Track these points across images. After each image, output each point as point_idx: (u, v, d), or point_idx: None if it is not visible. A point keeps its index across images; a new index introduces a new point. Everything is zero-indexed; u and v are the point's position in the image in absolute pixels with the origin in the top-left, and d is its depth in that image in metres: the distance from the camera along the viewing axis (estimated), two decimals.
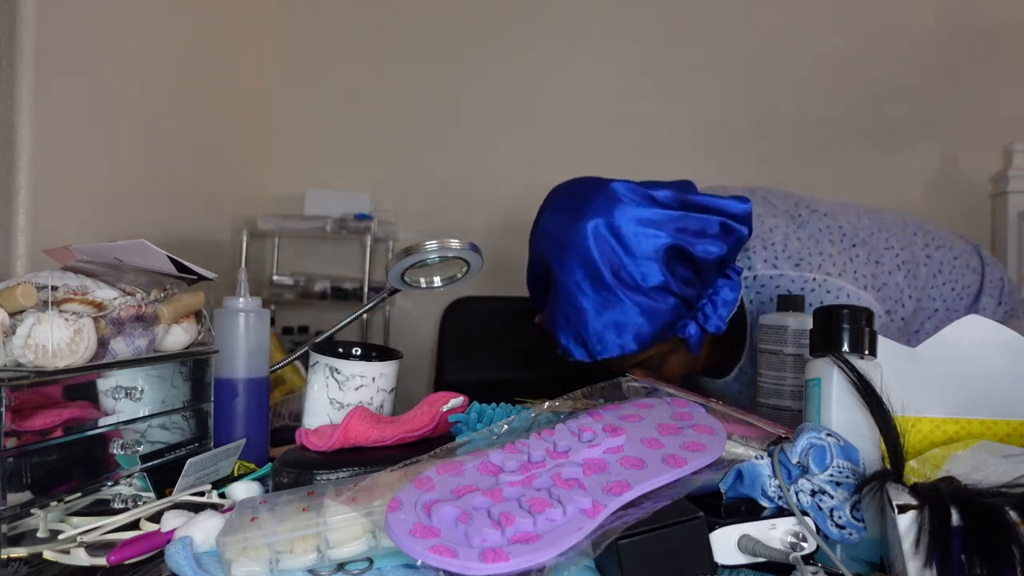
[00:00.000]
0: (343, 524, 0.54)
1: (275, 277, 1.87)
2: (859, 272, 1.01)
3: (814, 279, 0.98)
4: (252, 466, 0.79)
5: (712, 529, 0.53)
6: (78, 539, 0.59)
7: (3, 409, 0.57)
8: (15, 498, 0.59)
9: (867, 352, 0.62)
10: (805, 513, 0.54)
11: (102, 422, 0.68)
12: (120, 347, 0.68)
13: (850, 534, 0.54)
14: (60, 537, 0.61)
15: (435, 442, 0.70)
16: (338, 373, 0.81)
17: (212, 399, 0.82)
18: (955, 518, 0.47)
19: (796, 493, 0.55)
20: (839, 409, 0.61)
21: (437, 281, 0.95)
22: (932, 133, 1.87)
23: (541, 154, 1.97)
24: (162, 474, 0.72)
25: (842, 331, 0.63)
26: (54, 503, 0.63)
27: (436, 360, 1.84)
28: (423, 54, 1.97)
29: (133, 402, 0.71)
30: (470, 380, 1.77)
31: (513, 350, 1.84)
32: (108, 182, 1.21)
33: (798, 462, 0.57)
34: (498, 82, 1.97)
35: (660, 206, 0.90)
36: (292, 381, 1.21)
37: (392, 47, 1.98)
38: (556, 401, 0.71)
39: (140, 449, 0.70)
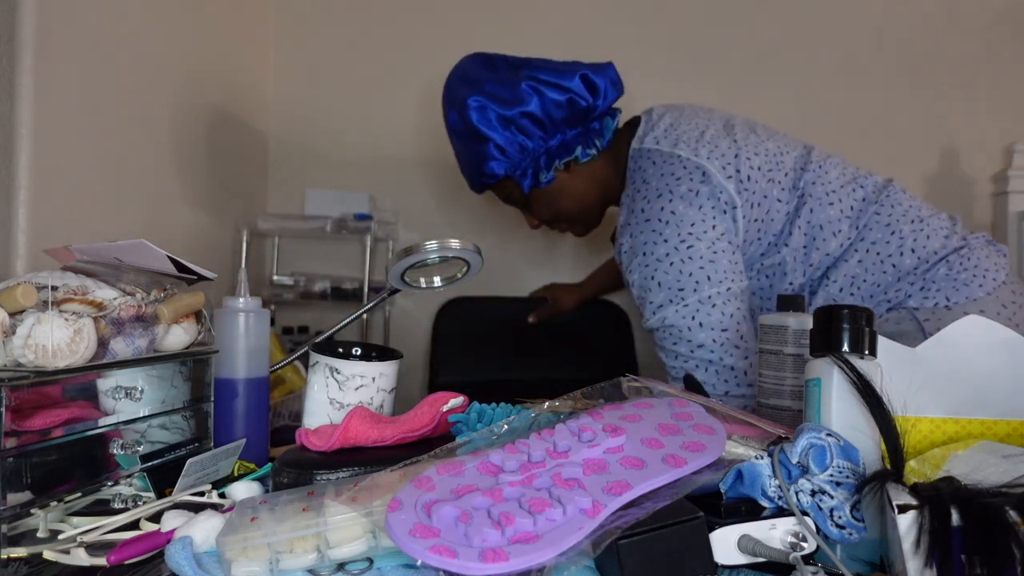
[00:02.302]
0: (343, 524, 0.54)
1: (275, 277, 1.87)
2: (730, 164, 1.12)
3: (679, 156, 1.13)
4: (252, 466, 0.79)
5: (712, 529, 0.53)
6: (78, 539, 0.59)
7: (3, 409, 0.58)
8: (15, 498, 0.59)
9: (867, 352, 0.63)
10: (805, 513, 0.54)
11: (102, 422, 0.68)
12: (120, 347, 0.68)
13: (850, 534, 0.54)
14: (60, 537, 0.61)
15: (435, 442, 0.70)
16: (338, 373, 0.81)
17: (212, 399, 0.82)
18: (955, 518, 0.47)
19: (796, 493, 0.55)
20: (839, 409, 0.61)
21: (437, 281, 0.95)
22: (932, 132, 1.87)
23: None
24: (162, 474, 0.72)
25: (842, 331, 0.63)
26: (54, 503, 0.63)
27: (430, 361, 1.84)
28: (424, 53, 1.97)
29: (133, 402, 0.71)
30: (464, 381, 1.77)
31: (507, 351, 1.84)
32: (108, 182, 1.21)
33: (798, 462, 0.57)
34: None
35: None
36: (292, 381, 1.21)
37: (393, 46, 1.98)
38: (556, 401, 0.71)
39: (140, 449, 0.70)
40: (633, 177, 1.17)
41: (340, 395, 0.81)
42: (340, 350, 0.83)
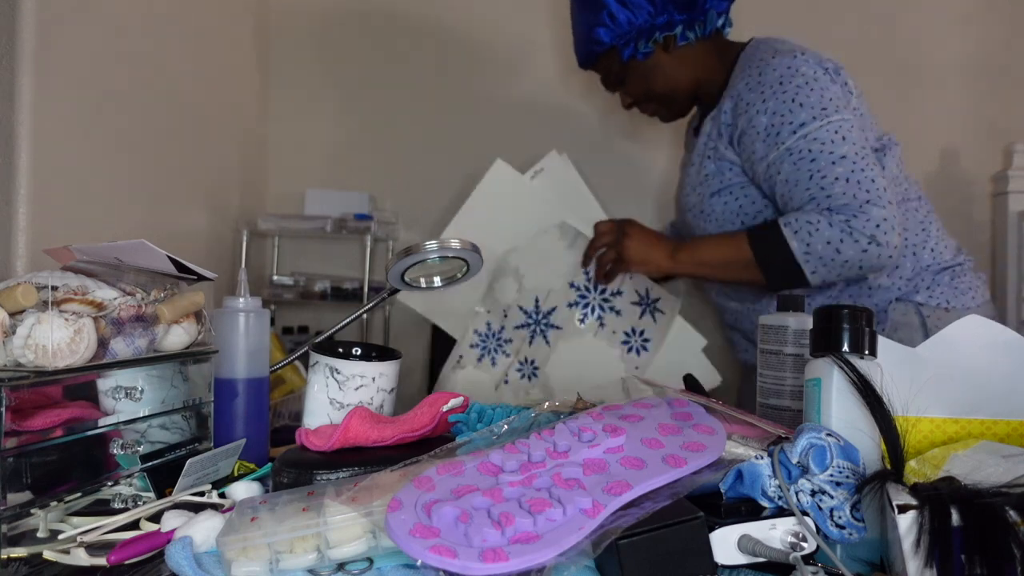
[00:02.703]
0: (343, 524, 0.54)
1: (275, 277, 1.87)
2: (844, 73, 1.22)
3: (802, 50, 1.19)
4: (252, 466, 0.79)
5: (712, 529, 0.53)
6: (78, 539, 0.59)
7: (3, 409, 0.57)
8: (15, 498, 0.59)
9: (867, 352, 0.62)
10: (805, 513, 0.54)
11: (102, 422, 0.68)
12: (120, 347, 0.68)
13: (850, 534, 0.54)
14: (60, 537, 0.61)
15: (435, 442, 0.70)
16: (338, 373, 0.81)
17: (212, 399, 0.82)
18: (955, 518, 0.47)
19: (796, 493, 0.55)
20: (839, 409, 0.61)
21: (437, 281, 0.95)
22: (932, 132, 1.87)
23: (541, 154, 1.96)
24: (162, 474, 0.72)
25: (842, 331, 0.63)
26: (54, 503, 0.63)
27: (430, 361, 1.84)
28: (424, 54, 1.97)
29: (133, 402, 0.71)
30: None
31: None
32: (108, 182, 1.21)
33: (798, 462, 0.57)
34: (499, 81, 1.98)
35: None
36: (292, 381, 1.21)
37: (393, 46, 1.98)
38: (556, 401, 0.71)
39: (140, 449, 0.70)
40: (750, 59, 1.23)
41: (340, 395, 0.81)
42: (340, 350, 0.83)
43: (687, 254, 1.25)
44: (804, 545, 0.53)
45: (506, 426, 0.67)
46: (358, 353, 0.84)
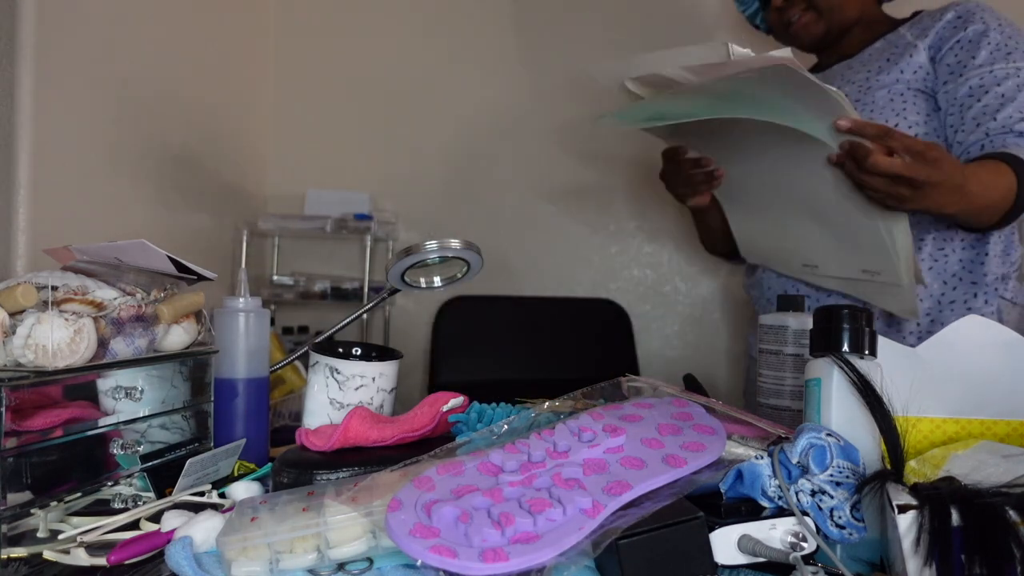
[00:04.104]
0: (343, 524, 0.54)
1: (275, 277, 1.88)
2: None
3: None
4: (252, 466, 0.79)
5: (712, 529, 0.53)
6: (78, 539, 0.59)
7: (3, 409, 0.57)
8: (15, 498, 0.59)
9: (867, 352, 0.63)
10: (805, 513, 0.54)
11: (102, 422, 0.68)
12: (120, 347, 0.68)
13: (850, 534, 0.54)
14: (60, 537, 0.61)
15: (435, 442, 0.70)
16: (338, 373, 0.81)
17: (212, 399, 0.82)
18: (955, 518, 0.47)
19: (796, 493, 0.55)
20: (839, 409, 0.61)
21: (437, 281, 0.95)
22: None
23: (541, 153, 1.97)
24: (162, 474, 0.72)
25: (842, 331, 0.63)
26: (54, 503, 0.63)
27: (430, 361, 1.84)
28: (424, 54, 1.97)
29: (133, 402, 0.71)
30: (464, 381, 1.77)
31: (507, 351, 1.84)
32: (108, 182, 1.21)
33: (798, 462, 0.57)
34: (497, 82, 1.98)
35: None
36: (292, 381, 1.21)
37: (394, 46, 1.98)
38: (556, 401, 0.71)
39: (140, 449, 0.70)
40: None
41: (340, 395, 0.81)
42: (340, 350, 0.83)
43: (969, 193, 0.96)
44: (804, 545, 0.53)
45: (506, 426, 0.67)
46: (358, 353, 0.84)
